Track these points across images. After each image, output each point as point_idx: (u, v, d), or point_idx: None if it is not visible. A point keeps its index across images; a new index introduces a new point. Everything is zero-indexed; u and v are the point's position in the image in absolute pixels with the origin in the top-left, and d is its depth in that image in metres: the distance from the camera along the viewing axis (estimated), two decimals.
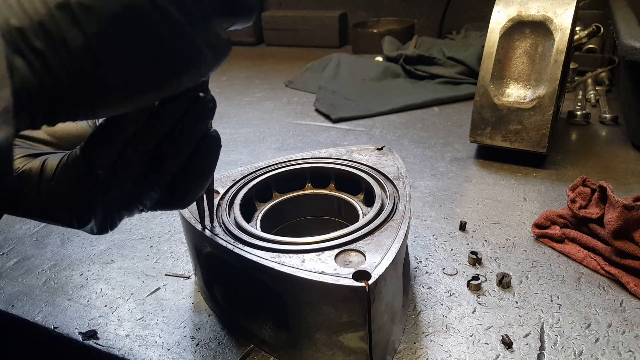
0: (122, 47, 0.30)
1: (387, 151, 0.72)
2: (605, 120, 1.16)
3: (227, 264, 0.54)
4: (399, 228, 0.53)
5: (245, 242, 0.52)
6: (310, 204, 0.69)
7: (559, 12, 0.89)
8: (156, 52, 0.32)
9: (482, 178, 0.94)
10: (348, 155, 0.71)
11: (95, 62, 0.30)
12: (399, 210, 0.56)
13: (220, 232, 0.55)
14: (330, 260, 0.48)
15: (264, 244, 0.52)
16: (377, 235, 0.52)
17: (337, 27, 2.11)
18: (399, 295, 0.53)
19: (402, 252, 0.52)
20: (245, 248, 0.51)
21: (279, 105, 1.45)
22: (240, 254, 0.50)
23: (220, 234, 0.54)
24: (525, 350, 0.54)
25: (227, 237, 0.54)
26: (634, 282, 0.61)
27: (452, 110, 1.33)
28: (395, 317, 0.52)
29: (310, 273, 0.46)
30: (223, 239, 0.53)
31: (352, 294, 0.44)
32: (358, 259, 0.48)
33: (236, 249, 0.51)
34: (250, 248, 0.51)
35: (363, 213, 0.61)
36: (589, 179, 0.78)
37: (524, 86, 0.94)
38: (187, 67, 0.34)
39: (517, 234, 0.75)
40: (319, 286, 0.45)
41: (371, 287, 0.44)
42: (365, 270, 0.45)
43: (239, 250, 0.51)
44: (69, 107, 0.31)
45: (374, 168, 0.67)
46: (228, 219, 0.57)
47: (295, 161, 0.71)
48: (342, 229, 0.53)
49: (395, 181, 0.62)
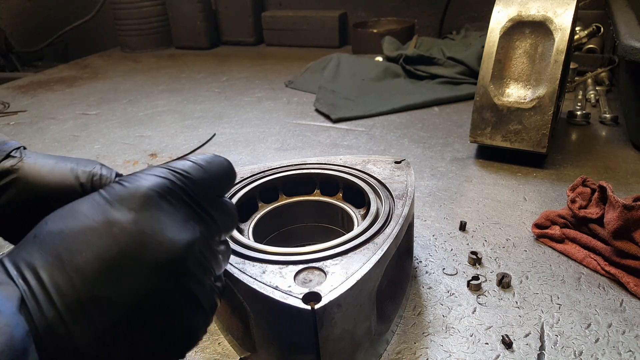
0: (131, 337, 0.29)
1: (403, 165, 0.67)
2: (605, 120, 1.16)
3: None
4: (375, 251, 0.48)
5: None
6: (315, 210, 0.67)
7: (559, 12, 0.89)
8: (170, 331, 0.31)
9: (482, 178, 0.94)
10: (362, 165, 0.68)
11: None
12: (384, 232, 0.52)
13: None
14: (289, 276, 0.45)
15: (234, 247, 0.50)
16: (349, 256, 0.48)
17: (337, 27, 2.11)
18: (365, 323, 0.48)
19: (372, 278, 0.47)
20: None
21: (279, 105, 1.45)
22: None
23: None
24: (525, 350, 0.54)
25: None
26: (634, 282, 0.61)
27: (452, 110, 1.33)
28: (359, 346, 0.49)
29: (264, 286, 0.44)
30: None
31: (298, 315, 0.42)
32: (319, 279, 0.45)
33: None
34: None
35: None
36: (589, 179, 0.78)
37: (524, 86, 0.94)
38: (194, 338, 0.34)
39: (517, 234, 0.75)
40: (269, 301, 0.43)
41: (318, 311, 0.41)
42: (317, 293, 0.42)
43: None
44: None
45: (382, 183, 0.63)
46: None
47: (308, 165, 0.68)
48: (320, 244, 0.50)
49: (397, 200, 0.58)
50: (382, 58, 1.71)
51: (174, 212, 0.32)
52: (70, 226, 0.29)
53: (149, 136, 1.25)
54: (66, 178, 0.48)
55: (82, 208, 0.31)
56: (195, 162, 0.36)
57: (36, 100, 1.62)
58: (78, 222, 0.30)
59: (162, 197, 0.32)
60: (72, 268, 0.28)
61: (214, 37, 2.28)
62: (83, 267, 0.28)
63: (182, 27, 2.24)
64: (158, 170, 0.34)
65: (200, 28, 2.21)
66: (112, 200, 0.31)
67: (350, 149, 1.11)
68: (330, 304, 0.42)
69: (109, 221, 0.30)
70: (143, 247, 0.30)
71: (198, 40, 2.24)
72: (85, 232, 0.29)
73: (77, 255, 0.28)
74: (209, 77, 1.80)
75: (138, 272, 0.29)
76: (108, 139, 1.24)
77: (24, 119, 1.44)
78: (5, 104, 1.57)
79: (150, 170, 0.34)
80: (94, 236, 0.29)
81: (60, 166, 0.48)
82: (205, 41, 2.24)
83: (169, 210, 0.32)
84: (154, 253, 0.30)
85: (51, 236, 0.29)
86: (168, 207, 0.32)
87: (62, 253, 0.28)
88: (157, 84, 1.75)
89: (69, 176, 0.48)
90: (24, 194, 0.48)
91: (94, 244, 0.29)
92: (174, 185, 0.33)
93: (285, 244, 0.53)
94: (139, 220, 0.30)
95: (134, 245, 0.30)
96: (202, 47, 2.24)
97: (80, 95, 1.66)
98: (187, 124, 1.33)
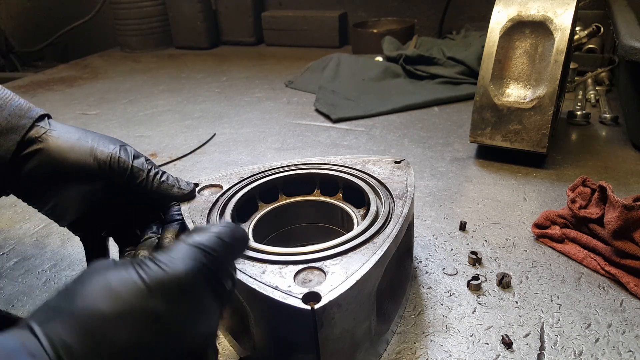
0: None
1: (403, 165, 0.66)
2: (605, 120, 1.16)
3: None
4: (375, 251, 0.48)
5: None
6: (314, 210, 0.67)
7: (559, 12, 0.89)
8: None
9: (482, 178, 0.94)
10: (362, 165, 0.67)
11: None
12: (384, 232, 0.51)
13: None
14: (289, 276, 0.45)
15: None
16: (349, 255, 0.48)
17: (337, 27, 2.11)
18: (365, 322, 0.48)
19: (372, 278, 0.47)
20: None
21: (279, 105, 1.45)
22: None
23: None
24: (525, 350, 0.54)
25: None
26: (634, 282, 0.61)
27: (452, 110, 1.33)
28: (359, 346, 0.49)
29: (264, 286, 0.44)
30: None
31: (298, 315, 0.42)
32: (319, 278, 0.45)
33: None
34: None
35: None
36: (589, 179, 0.78)
37: (524, 86, 0.94)
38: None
39: (517, 234, 0.75)
40: (268, 301, 0.43)
41: (318, 311, 0.41)
42: (317, 293, 0.42)
43: None
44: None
45: (382, 183, 0.63)
46: (217, 217, 0.57)
47: (308, 165, 0.68)
48: (320, 244, 0.50)
49: (397, 200, 0.58)
50: (382, 58, 1.71)
51: (202, 298, 0.35)
52: (108, 310, 0.30)
53: (149, 136, 1.26)
54: (86, 158, 0.52)
55: (120, 289, 0.31)
56: (222, 238, 0.37)
57: (36, 100, 1.62)
58: (116, 305, 0.30)
59: (194, 285, 0.34)
60: (107, 355, 0.29)
61: (214, 37, 2.28)
62: (118, 355, 0.30)
63: (182, 27, 2.24)
64: (191, 252, 0.35)
65: (200, 28, 2.21)
66: (150, 286, 0.32)
67: (350, 149, 1.11)
68: (330, 304, 0.42)
69: (147, 311, 0.31)
70: (172, 339, 0.33)
71: (198, 40, 2.24)
72: (125, 318, 0.30)
73: (114, 340, 0.29)
74: (209, 77, 1.80)
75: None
76: None
77: None
78: None
79: (182, 250, 0.35)
80: (129, 323, 0.30)
81: (81, 144, 0.53)
82: (205, 41, 2.24)
83: (197, 298, 0.34)
84: (180, 344, 0.33)
85: (89, 316, 0.30)
86: (198, 293, 0.34)
87: (98, 337, 0.29)
88: (157, 84, 1.75)
89: (88, 156, 0.52)
90: (45, 166, 0.51)
91: (131, 331, 0.30)
92: (205, 268, 0.35)
93: (285, 244, 0.53)
94: (174, 314, 0.32)
95: (165, 336, 0.32)
96: (202, 47, 2.24)
97: (80, 95, 1.66)
98: (187, 124, 1.33)
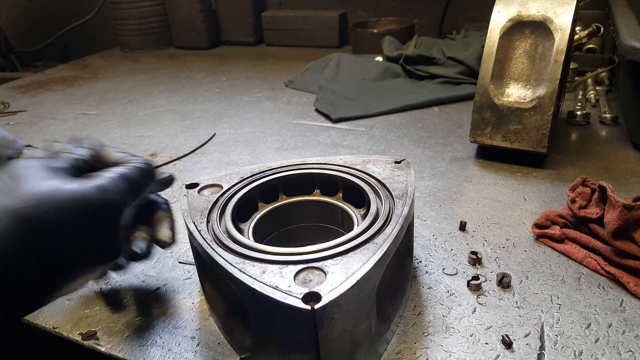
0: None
1: (403, 165, 0.66)
2: (605, 120, 1.16)
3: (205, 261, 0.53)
4: (375, 251, 0.48)
5: (220, 242, 0.52)
6: (314, 210, 0.67)
7: (559, 12, 0.89)
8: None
9: (482, 178, 0.94)
10: (362, 165, 0.67)
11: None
12: (384, 232, 0.52)
13: (203, 230, 0.54)
14: (289, 276, 0.45)
15: (234, 247, 0.50)
16: (349, 255, 0.48)
17: (337, 27, 2.11)
18: (365, 322, 0.48)
19: (372, 278, 0.47)
20: (218, 248, 0.50)
21: (279, 105, 1.45)
22: (210, 253, 0.49)
23: (202, 231, 0.54)
24: (525, 350, 0.54)
25: (207, 235, 0.53)
26: (634, 282, 0.61)
27: (452, 110, 1.33)
28: (359, 346, 0.49)
29: (264, 286, 0.44)
30: (203, 236, 0.52)
31: (298, 315, 0.42)
32: (319, 278, 0.45)
33: (209, 248, 0.50)
34: (221, 249, 0.50)
35: None
36: (589, 179, 0.78)
37: (524, 86, 0.94)
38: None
39: (517, 234, 0.75)
40: (268, 302, 0.43)
41: (318, 311, 0.41)
42: (317, 293, 0.42)
43: (210, 250, 0.50)
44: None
45: (382, 183, 0.63)
46: (217, 217, 0.56)
47: (308, 165, 0.68)
48: (320, 244, 0.50)
49: (397, 200, 0.58)
50: (382, 58, 1.71)
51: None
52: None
53: (149, 136, 1.26)
54: None
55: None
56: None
57: (36, 100, 1.63)
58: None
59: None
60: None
61: (214, 37, 2.28)
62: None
63: (182, 27, 2.24)
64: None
65: (200, 28, 2.21)
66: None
67: (350, 149, 1.11)
68: (330, 304, 0.42)
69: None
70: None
71: (198, 40, 2.24)
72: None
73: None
74: (209, 77, 1.80)
75: None
76: (108, 139, 1.24)
77: (24, 119, 1.44)
78: (5, 104, 1.57)
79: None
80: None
81: None
82: (205, 41, 2.24)
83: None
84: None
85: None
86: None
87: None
88: (157, 84, 1.75)
89: None
90: None
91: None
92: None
93: (285, 244, 0.53)
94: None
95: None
96: (202, 47, 2.24)
97: (80, 95, 1.66)
98: (187, 124, 1.33)
